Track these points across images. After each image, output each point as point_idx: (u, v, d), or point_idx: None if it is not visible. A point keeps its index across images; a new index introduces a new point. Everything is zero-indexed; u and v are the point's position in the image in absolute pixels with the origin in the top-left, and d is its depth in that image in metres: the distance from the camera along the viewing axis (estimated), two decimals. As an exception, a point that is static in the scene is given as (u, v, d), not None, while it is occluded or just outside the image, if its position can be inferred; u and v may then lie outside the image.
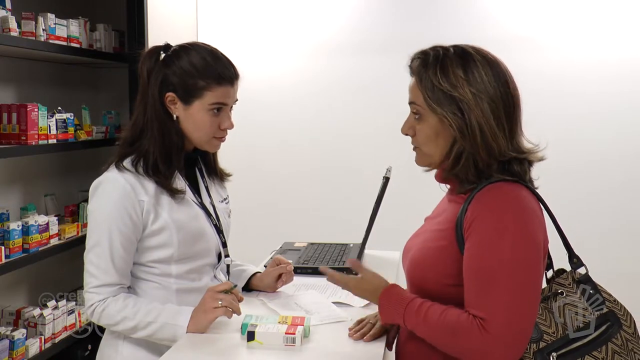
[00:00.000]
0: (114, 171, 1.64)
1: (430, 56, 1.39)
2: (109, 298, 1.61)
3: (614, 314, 1.33)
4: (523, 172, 1.37)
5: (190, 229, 1.69)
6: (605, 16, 3.26)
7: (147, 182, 1.64)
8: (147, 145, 1.65)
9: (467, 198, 1.36)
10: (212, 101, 1.65)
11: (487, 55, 1.39)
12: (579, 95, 3.29)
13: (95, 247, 1.62)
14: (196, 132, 1.68)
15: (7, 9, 2.43)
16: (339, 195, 3.48)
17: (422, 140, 1.42)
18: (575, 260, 1.40)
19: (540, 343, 1.29)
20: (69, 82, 3.28)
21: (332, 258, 2.26)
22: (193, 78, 1.63)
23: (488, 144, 1.33)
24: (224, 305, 1.57)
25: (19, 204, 2.80)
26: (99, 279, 1.61)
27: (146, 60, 1.69)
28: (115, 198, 1.61)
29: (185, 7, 3.55)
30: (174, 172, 1.68)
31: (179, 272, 1.70)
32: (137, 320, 1.59)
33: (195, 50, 1.67)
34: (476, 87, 1.34)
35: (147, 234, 1.65)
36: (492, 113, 1.33)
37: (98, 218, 1.63)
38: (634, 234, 3.27)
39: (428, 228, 1.50)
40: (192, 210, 1.71)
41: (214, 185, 1.84)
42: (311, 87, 3.52)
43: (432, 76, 1.36)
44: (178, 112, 1.67)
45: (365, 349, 1.52)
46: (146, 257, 1.68)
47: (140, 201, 1.62)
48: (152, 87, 1.67)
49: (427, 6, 3.39)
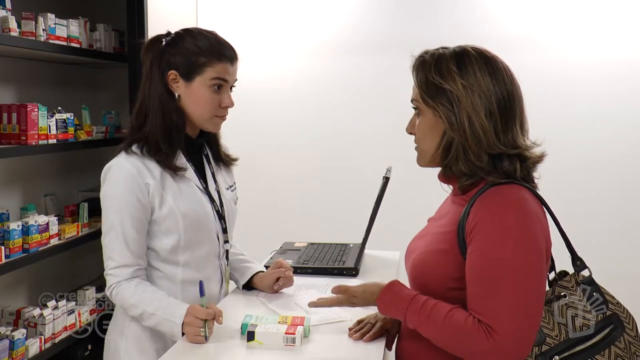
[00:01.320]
0: (122, 156, 1.72)
1: (429, 55, 1.42)
2: (123, 281, 1.68)
3: (617, 317, 1.33)
4: (513, 170, 1.36)
5: (195, 215, 1.75)
6: (605, 16, 3.26)
7: (153, 166, 1.71)
8: (150, 127, 1.72)
9: (470, 201, 1.36)
10: (212, 76, 1.72)
11: (484, 53, 1.40)
12: (579, 95, 3.29)
13: (109, 231, 1.69)
14: (197, 109, 1.74)
15: (7, 9, 2.43)
16: (339, 195, 3.48)
17: (420, 136, 1.44)
18: (579, 262, 1.40)
19: (543, 346, 1.29)
20: (69, 82, 3.28)
21: (332, 258, 2.26)
22: (195, 55, 1.71)
23: (477, 136, 1.34)
24: (205, 334, 1.55)
25: (19, 204, 2.80)
26: (115, 261, 1.69)
27: (149, 46, 1.76)
28: (122, 182, 1.68)
29: (185, 7, 3.55)
30: (176, 151, 1.74)
31: (186, 260, 1.76)
32: (142, 309, 1.66)
33: (197, 31, 1.77)
34: (468, 80, 1.35)
35: (154, 218, 1.72)
36: (483, 106, 1.35)
37: (109, 203, 1.71)
38: (634, 234, 3.27)
39: (431, 230, 1.50)
40: (196, 196, 1.77)
41: (220, 172, 1.90)
42: (311, 87, 3.51)
43: (426, 71, 1.39)
44: (180, 90, 1.73)
45: (365, 349, 1.52)
46: (154, 245, 1.74)
47: (147, 184, 1.69)
48: (154, 69, 1.74)
49: (427, 6, 3.38)
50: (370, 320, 1.60)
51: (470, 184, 1.39)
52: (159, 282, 1.75)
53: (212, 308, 1.58)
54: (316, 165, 3.54)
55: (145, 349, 1.75)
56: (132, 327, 1.76)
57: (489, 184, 1.35)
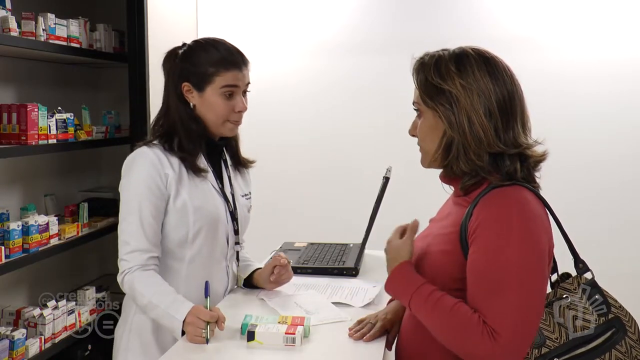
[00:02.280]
0: (144, 147, 1.79)
1: (428, 56, 1.43)
2: (136, 269, 1.70)
3: (619, 321, 1.32)
4: (514, 170, 1.36)
5: (206, 211, 1.79)
6: (605, 16, 3.26)
7: (173, 159, 1.78)
8: (172, 132, 1.81)
9: (472, 202, 1.35)
10: (222, 84, 1.79)
11: (484, 53, 1.41)
12: (579, 95, 3.29)
13: (127, 216, 1.73)
14: (211, 115, 1.81)
15: (7, 9, 2.43)
16: (339, 195, 3.48)
17: (421, 137, 1.45)
18: (581, 265, 1.39)
19: (543, 348, 1.28)
20: (69, 82, 3.28)
21: (332, 258, 2.26)
22: (203, 66, 1.79)
23: (477, 135, 1.34)
24: (206, 337, 1.56)
25: (19, 204, 2.80)
26: (130, 245, 1.71)
27: (166, 60, 1.86)
28: (144, 170, 1.74)
29: (185, 7, 3.55)
30: (198, 152, 1.81)
31: (192, 257, 1.79)
32: (148, 299, 1.68)
33: (205, 42, 1.84)
34: (467, 80, 1.36)
35: (167, 209, 1.76)
36: (483, 106, 1.35)
37: (129, 189, 1.75)
38: (634, 234, 3.27)
39: (432, 231, 1.49)
40: (210, 194, 1.82)
41: (237, 179, 1.96)
42: (311, 87, 3.51)
43: (426, 72, 1.40)
44: (194, 100, 1.82)
45: (365, 349, 1.53)
46: (162, 236, 1.76)
47: (166, 174, 1.75)
48: (170, 81, 1.84)
49: (427, 6, 3.38)
50: (371, 320, 1.60)
51: (472, 185, 1.38)
52: (162, 276, 1.75)
53: (216, 312, 1.59)
54: (316, 165, 3.54)
55: (146, 342, 1.77)
56: (136, 319, 1.78)
57: (491, 186, 1.35)
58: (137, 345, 1.78)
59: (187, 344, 1.56)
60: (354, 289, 1.96)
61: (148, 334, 1.78)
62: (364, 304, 1.83)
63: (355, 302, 1.84)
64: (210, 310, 1.58)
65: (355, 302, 1.84)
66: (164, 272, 1.77)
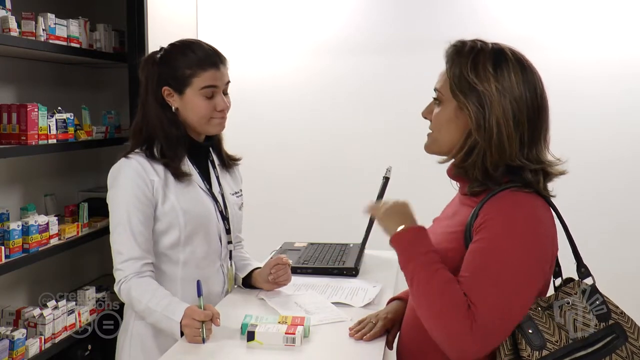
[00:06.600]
0: (128, 156, 1.80)
1: (467, 46, 1.39)
2: (132, 277, 1.71)
3: (620, 326, 1.31)
4: (536, 182, 1.35)
5: (196, 212, 1.79)
6: (606, 16, 3.25)
7: (157, 165, 1.78)
8: (153, 138, 1.80)
9: (480, 202, 1.35)
10: (201, 85, 1.79)
11: (521, 59, 1.39)
12: (579, 95, 3.28)
13: (117, 226, 1.74)
14: (194, 116, 1.81)
15: (7, 9, 2.43)
16: (339, 195, 3.47)
17: (435, 125, 1.43)
18: (583, 269, 1.39)
19: (543, 351, 1.27)
20: (69, 82, 3.28)
21: (332, 258, 2.26)
22: (181, 69, 1.79)
23: (502, 144, 1.33)
24: (202, 336, 1.56)
25: (19, 204, 2.80)
26: (123, 254, 1.73)
27: (144, 66, 1.86)
28: (129, 179, 1.75)
29: (185, 7, 3.55)
30: (182, 157, 1.81)
31: (186, 259, 1.80)
32: (145, 305, 1.68)
33: (182, 45, 1.83)
34: (502, 84, 1.33)
35: (157, 215, 1.76)
36: (513, 114, 1.33)
37: (117, 199, 1.76)
38: (634, 234, 3.26)
39: (437, 230, 1.49)
40: (198, 195, 1.82)
41: (226, 178, 1.95)
42: (311, 87, 3.51)
43: (462, 65, 1.36)
44: (176, 104, 1.82)
45: (365, 349, 1.53)
46: (154, 241, 1.77)
47: (152, 180, 1.76)
48: (150, 87, 1.83)
49: (427, 6, 3.38)
50: (371, 320, 1.60)
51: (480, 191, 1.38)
52: (158, 281, 1.76)
53: (210, 309, 1.59)
54: (316, 165, 3.54)
55: (148, 348, 1.77)
56: (136, 325, 1.78)
57: (500, 188, 1.34)
58: (139, 351, 1.78)
59: (186, 344, 1.56)
60: (354, 289, 1.96)
61: (149, 340, 1.78)
62: (364, 304, 1.83)
63: (355, 302, 1.84)
64: (203, 309, 1.59)
65: (355, 302, 1.84)
66: (159, 277, 1.77)
